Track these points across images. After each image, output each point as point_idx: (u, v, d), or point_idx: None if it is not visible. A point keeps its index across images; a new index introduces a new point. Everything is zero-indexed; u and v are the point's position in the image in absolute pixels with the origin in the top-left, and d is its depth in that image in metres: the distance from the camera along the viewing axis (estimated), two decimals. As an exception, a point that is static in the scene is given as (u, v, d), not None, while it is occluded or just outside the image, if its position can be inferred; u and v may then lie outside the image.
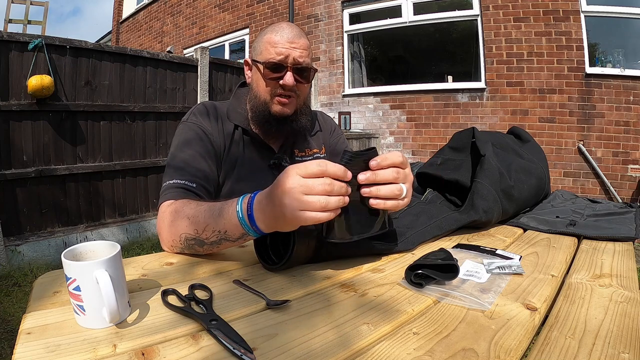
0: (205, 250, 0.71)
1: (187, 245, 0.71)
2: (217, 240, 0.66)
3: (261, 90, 0.93)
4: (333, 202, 0.54)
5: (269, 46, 0.90)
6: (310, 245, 0.65)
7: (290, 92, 0.91)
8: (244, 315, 0.50)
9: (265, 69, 0.90)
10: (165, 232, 0.74)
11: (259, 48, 0.93)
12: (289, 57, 0.89)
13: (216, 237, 0.65)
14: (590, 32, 3.83)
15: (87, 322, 0.46)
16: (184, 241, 0.70)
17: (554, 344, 0.46)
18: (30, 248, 2.62)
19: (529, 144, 1.18)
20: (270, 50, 0.89)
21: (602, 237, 0.88)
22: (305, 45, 0.91)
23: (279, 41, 0.89)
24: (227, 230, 0.64)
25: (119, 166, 3.16)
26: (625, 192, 3.72)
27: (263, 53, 0.91)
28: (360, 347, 0.44)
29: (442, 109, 4.58)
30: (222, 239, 0.65)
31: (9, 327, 1.83)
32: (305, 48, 0.91)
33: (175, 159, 0.88)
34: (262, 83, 0.92)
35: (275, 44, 0.89)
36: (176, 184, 0.83)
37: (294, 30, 0.91)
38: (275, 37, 0.90)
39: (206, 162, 0.90)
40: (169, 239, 0.74)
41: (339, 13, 5.30)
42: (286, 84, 0.89)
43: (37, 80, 2.52)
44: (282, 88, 0.90)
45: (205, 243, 0.68)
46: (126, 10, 9.61)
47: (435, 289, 0.59)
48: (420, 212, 0.90)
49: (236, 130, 0.97)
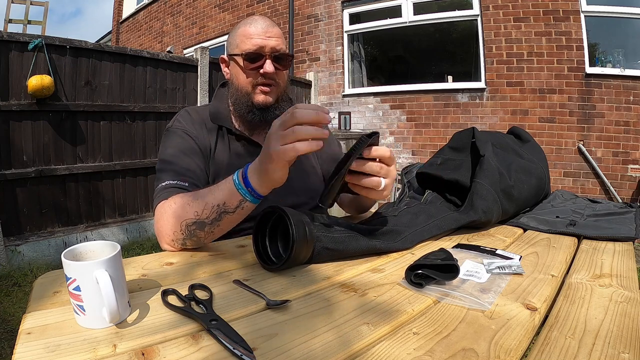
0: (207, 234, 0.72)
1: (188, 233, 0.71)
2: (217, 217, 0.69)
3: (242, 83, 0.94)
4: (304, 131, 0.60)
5: (244, 38, 0.92)
6: (309, 245, 0.65)
7: (270, 79, 0.93)
8: (244, 315, 0.50)
9: (244, 61, 0.92)
10: (165, 228, 0.75)
11: (234, 42, 0.95)
12: (266, 47, 0.91)
13: (215, 212, 0.69)
14: (590, 32, 3.83)
15: (87, 322, 0.46)
16: (185, 229, 0.71)
17: (554, 344, 0.46)
18: (30, 248, 2.62)
19: (529, 144, 1.18)
20: (246, 42, 0.91)
21: (602, 237, 0.88)
22: (279, 34, 0.94)
23: (254, 32, 0.91)
24: (225, 201, 0.68)
25: (119, 166, 3.16)
26: (625, 192, 3.72)
27: (240, 46, 0.93)
28: (360, 347, 0.44)
29: (442, 109, 4.58)
30: (222, 212, 0.69)
31: (9, 327, 1.83)
32: (279, 36, 0.94)
33: (165, 163, 0.90)
34: (242, 75, 0.94)
35: (251, 35, 0.91)
36: (169, 184, 0.84)
37: (267, 21, 0.94)
38: (250, 29, 0.92)
39: (195, 163, 0.92)
40: (169, 234, 0.74)
41: (339, 13, 5.30)
42: (267, 71, 0.91)
43: (37, 80, 2.52)
44: (263, 77, 0.92)
45: (206, 223, 0.69)
46: (126, 10, 9.61)
47: (435, 289, 0.59)
48: (419, 212, 0.90)
49: (220, 130, 0.99)
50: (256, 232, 0.69)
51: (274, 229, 0.70)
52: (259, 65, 0.91)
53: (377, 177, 0.67)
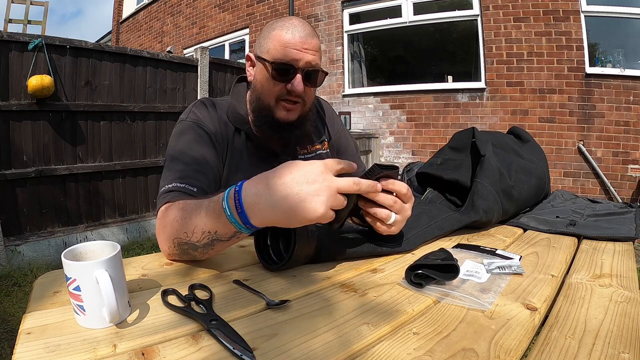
0: (202, 254, 0.65)
1: (181, 251, 0.66)
2: (208, 242, 0.61)
3: (265, 92, 0.85)
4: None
5: (278, 45, 0.81)
6: (310, 245, 0.65)
7: (297, 97, 0.84)
8: (244, 315, 0.50)
9: (272, 70, 0.82)
10: (160, 239, 0.70)
11: (266, 45, 0.84)
12: (300, 60, 0.81)
13: (207, 238, 0.60)
14: (590, 32, 3.82)
15: (87, 322, 0.46)
16: (177, 246, 0.65)
17: (554, 344, 0.46)
18: (30, 248, 2.62)
19: (529, 144, 1.18)
20: (279, 50, 0.81)
21: (602, 237, 0.88)
22: (318, 46, 0.84)
23: (291, 41, 0.81)
24: (217, 230, 0.58)
25: (119, 166, 3.16)
26: (625, 192, 3.72)
27: (271, 51, 0.82)
28: (360, 347, 0.44)
29: (442, 109, 4.58)
30: (214, 239, 0.60)
31: (9, 327, 1.83)
32: (317, 50, 0.84)
33: (174, 161, 0.82)
34: (267, 84, 0.84)
35: (287, 43, 0.81)
36: (175, 187, 0.76)
37: (307, 29, 0.83)
38: (287, 36, 0.81)
39: (207, 162, 0.84)
40: (164, 247, 0.69)
41: (339, 13, 5.30)
42: (294, 89, 0.82)
43: (37, 80, 2.52)
44: (289, 93, 0.83)
45: (198, 247, 0.62)
46: (126, 10, 9.60)
47: (435, 289, 0.59)
48: (421, 213, 0.90)
49: (237, 132, 0.91)
50: (257, 232, 0.68)
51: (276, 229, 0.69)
52: (287, 79, 0.82)
53: (388, 210, 0.64)
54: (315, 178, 0.52)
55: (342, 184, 0.54)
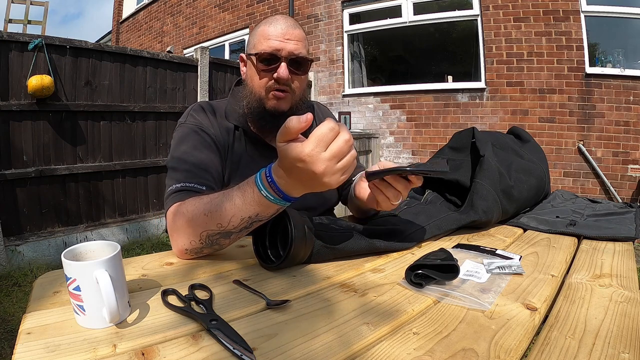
0: (232, 241, 0.70)
1: (209, 242, 0.69)
2: (247, 226, 0.66)
3: (255, 85, 0.91)
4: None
5: (262, 39, 0.88)
6: (308, 244, 0.65)
7: (285, 85, 0.89)
8: (244, 315, 0.50)
9: (258, 62, 0.87)
10: (181, 238, 0.70)
11: (252, 42, 0.91)
12: (282, 50, 0.86)
13: (246, 222, 0.65)
14: (590, 32, 3.82)
15: (87, 322, 0.46)
16: (206, 239, 0.68)
17: (554, 344, 0.46)
18: (30, 248, 2.62)
19: (529, 144, 1.18)
20: (263, 43, 0.87)
21: (602, 237, 0.88)
22: (300, 36, 0.89)
23: (273, 33, 0.87)
24: (259, 212, 0.63)
25: (119, 166, 3.16)
26: (625, 192, 3.72)
27: (256, 46, 0.88)
28: (360, 347, 0.44)
29: (442, 109, 4.58)
30: (254, 222, 0.65)
31: (9, 327, 1.83)
32: (300, 39, 0.89)
33: (179, 162, 0.85)
34: (256, 77, 0.90)
35: (269, 36, 0.87)
36: (184, 187, 0.79)
37: (288, 22, 0.89)
38: (269, 29, 0.87)
39: (211, 162, 0.87)
40: (185, 243, 0.70)
41: (339, 13, 5.30)
42: (280, 76, 0.86)
43: (37, 80, 2.52)
44: (277, 82, 0.88)
45: (233, 232, 0.67)
46: (126, 10, 9.60)
47: (435, 289, 0.59)
48: (419, 212, 0.90)
49: (236, 130, 0.95)
50: (256, 232, 0.69)
51: (274, 229, 0.70)
52: (272, 69, 0.87)
53: (399, 193, 0.71)
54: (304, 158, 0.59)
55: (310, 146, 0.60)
